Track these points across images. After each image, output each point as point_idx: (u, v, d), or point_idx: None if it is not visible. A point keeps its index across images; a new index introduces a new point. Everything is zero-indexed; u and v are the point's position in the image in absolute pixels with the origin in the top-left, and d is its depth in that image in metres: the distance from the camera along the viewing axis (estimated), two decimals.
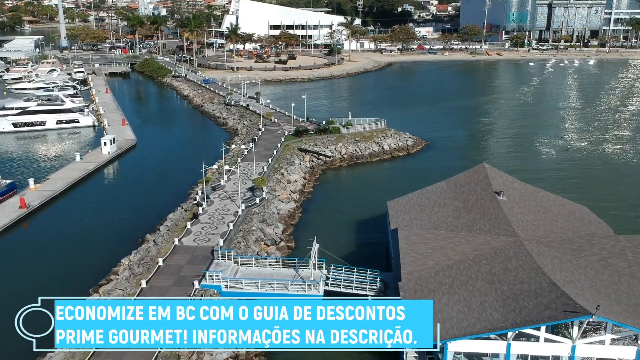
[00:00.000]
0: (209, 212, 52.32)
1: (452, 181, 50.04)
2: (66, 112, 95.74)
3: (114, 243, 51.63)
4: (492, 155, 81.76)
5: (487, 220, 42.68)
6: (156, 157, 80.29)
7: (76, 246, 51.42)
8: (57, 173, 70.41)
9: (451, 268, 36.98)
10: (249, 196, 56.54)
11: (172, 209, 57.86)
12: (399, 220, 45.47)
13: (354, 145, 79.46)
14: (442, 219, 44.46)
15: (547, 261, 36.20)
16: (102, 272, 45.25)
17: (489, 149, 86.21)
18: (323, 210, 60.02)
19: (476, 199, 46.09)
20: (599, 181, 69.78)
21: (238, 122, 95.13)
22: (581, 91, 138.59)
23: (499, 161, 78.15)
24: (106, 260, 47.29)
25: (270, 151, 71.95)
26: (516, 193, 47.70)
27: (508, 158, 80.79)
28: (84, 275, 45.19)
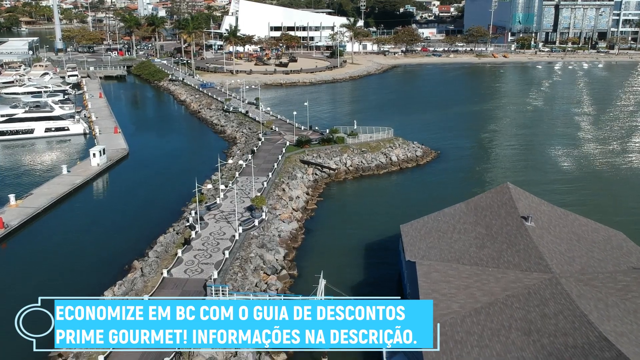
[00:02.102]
0: (202, 237, 47.36)
1: (472, 203, 45.10)
2: (55, 120, 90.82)
3: (97, 269, 46.69)
4: (506, 168, 76.79)
5: (515, 252, 37.72)
6: (149, 169, 75.27)
7: (56, 272, 46.43)
8: (42, 187, 65.44)
9: (479, 313, 32.00)
10: (247, 217, 51.60)
11: (164, 229, 53.09)
12: (414, 249, 40.52)
13: (360, 156, 74.52)
14: (463, 248, 39.49)
15: (590, 305, 31.24)
16: None
17: (502, 160, 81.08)
18: (328, 231, 55.06)
19: (501, 225, 41.15)
20: (627, 199, 64.51)
21: (237, 130, 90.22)
22: (593, 96, 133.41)
23: (515, 174, 73.31)
24: (88, 290, 42.11)
25: (271, 164, 67.03)
26: (544, 217, 42.73)
27: (524, 171, 75.75)
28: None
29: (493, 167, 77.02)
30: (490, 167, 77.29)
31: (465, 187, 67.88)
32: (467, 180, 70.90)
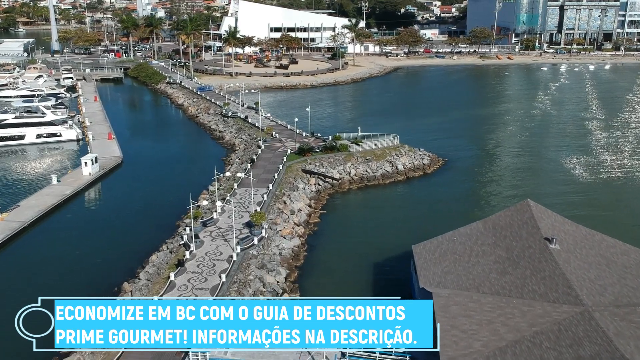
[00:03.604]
0: (197, 257, 43.87)
1: (490, 222, 41.61)
2: (47, 125, 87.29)
3: (84, 291, 42.73)
4: (517, 178, 73.27)
5: (540, 279, 34.23)
6: (143, 178, 71.75)
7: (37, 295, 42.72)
8: (29, 199, 61.97)
9: (505, 353, 28.53)
10: (246, 234, 48.13)
11: (157, 246, 49.78)
12: (429, 275, 37.05)
13: (365, 164, 71.01)
14: (483, 274, 35.99)
15: (630, 345, 27.80)
16: None
17: (512, 169, 77.44)
18: (331, 248, 51.56)
19: (523, 248, 37.67)
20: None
21: (235, 135, 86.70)
22: (603, 99, 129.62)
23: (526, 185, 69.94)
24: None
25: (271, 174, 63.54)
26: (569, 238, 39.23)
27: (536, 181, 72.32)
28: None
29: (503, 177, 73.47)
30: (500, 176, 73.71)
31: (476, 199, 64.64)
32: (477, 191, 67.54)
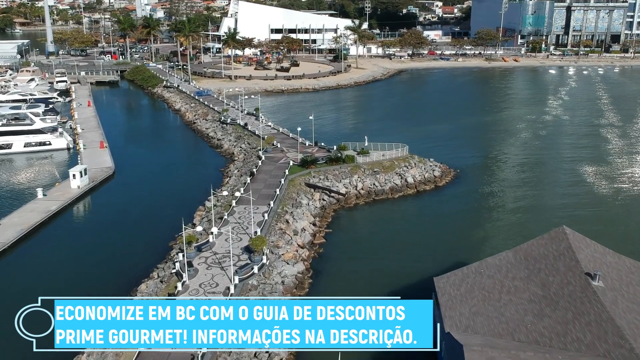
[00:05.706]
0: (190, 289, 39.21)
1: (521, 251, 36.92)
2: (36, 133, 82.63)
3: None
4: (535, 193, 68.49)
5: (585, 324, 29.62)
6: (136, 192, 67.07)
7: (10, 333, 38.20)
8: (12, 216, 57.38)
9: None
10: (244, 261, 43.47)
11: (147, 272, 45.25)
12: (455, 316, 32.41)
13: (372, 177, 66.40)
14: (517, 317, 31.34)
15: None
16: None
17: (529, 182, 72.41)
18: (339, 273, 46.88)
19: (561, 284, 33.02)
20: None
21: (234, 144, 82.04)
22: (616, 104, 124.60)
23: (546, 199, 65.38)
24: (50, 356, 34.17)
25: (272, 189, 58.88)
26: (613, 273, 34.59)
27: (555, 195, 67.73)
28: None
29: (518, 190, 68.71)
30: (516, 190, 68.94)
31: (495, 216, 60.15)
32: (495, 207, 62.87)
